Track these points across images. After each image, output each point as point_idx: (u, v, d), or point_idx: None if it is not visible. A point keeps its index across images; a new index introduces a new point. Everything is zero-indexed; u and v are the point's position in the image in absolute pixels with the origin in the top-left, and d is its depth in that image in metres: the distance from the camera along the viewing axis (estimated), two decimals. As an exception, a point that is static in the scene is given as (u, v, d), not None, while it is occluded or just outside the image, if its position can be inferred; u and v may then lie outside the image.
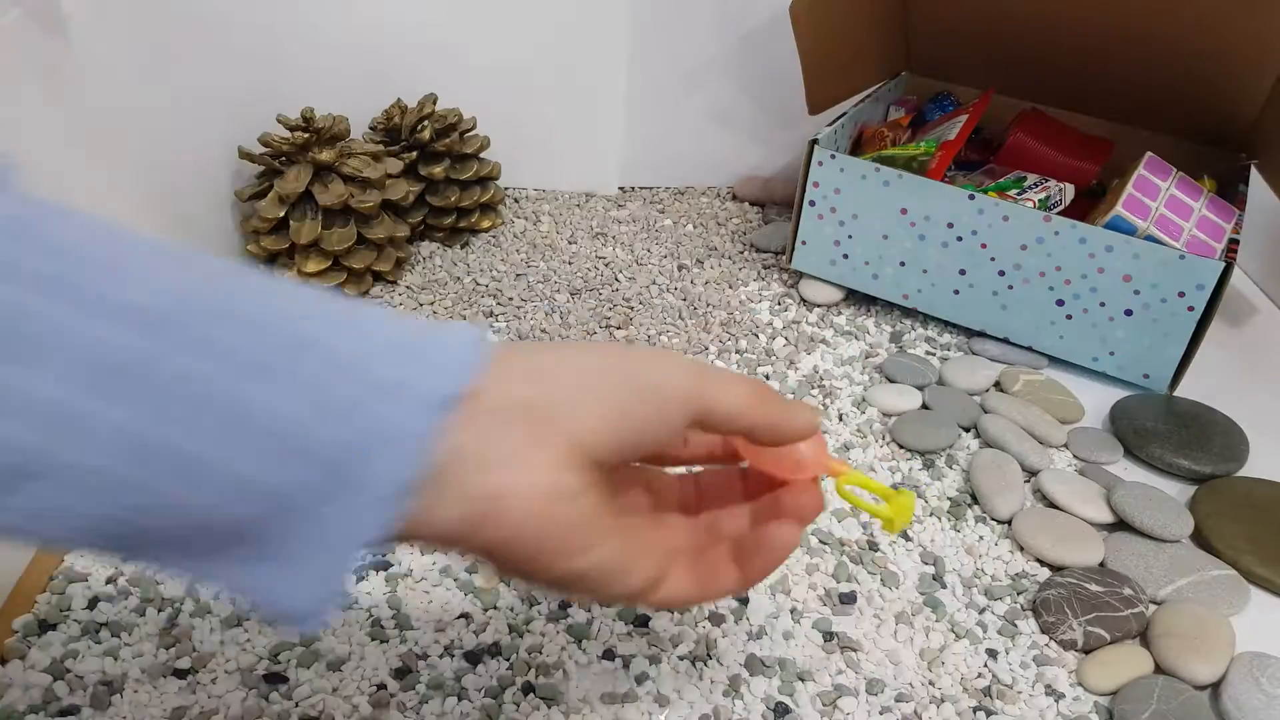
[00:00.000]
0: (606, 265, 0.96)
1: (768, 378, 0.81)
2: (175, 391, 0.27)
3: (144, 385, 0.27)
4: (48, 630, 0.55)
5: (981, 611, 0.61)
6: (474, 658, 0.55)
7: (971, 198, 0.81)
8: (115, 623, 0.56)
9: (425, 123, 0.95)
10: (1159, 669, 0.58)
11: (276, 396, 0.28)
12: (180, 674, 0.53)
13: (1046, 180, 0.88)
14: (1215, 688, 0.57)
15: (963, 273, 0.85)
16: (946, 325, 0.91)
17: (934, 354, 0.87)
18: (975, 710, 0.55)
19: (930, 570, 0.64)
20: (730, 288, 0.95)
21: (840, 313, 0.92)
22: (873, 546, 0.65)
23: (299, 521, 0.29)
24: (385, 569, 0.61)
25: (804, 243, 0.91)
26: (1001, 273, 0.83)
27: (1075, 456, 0.75)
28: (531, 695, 0.54)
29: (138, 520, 0.28)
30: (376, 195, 0.87)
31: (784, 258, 0.95)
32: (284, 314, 0.30)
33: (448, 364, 0.32)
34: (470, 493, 0.31)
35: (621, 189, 1.13)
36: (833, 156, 0.86)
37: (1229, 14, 0.81)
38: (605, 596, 0.36)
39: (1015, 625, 0.60)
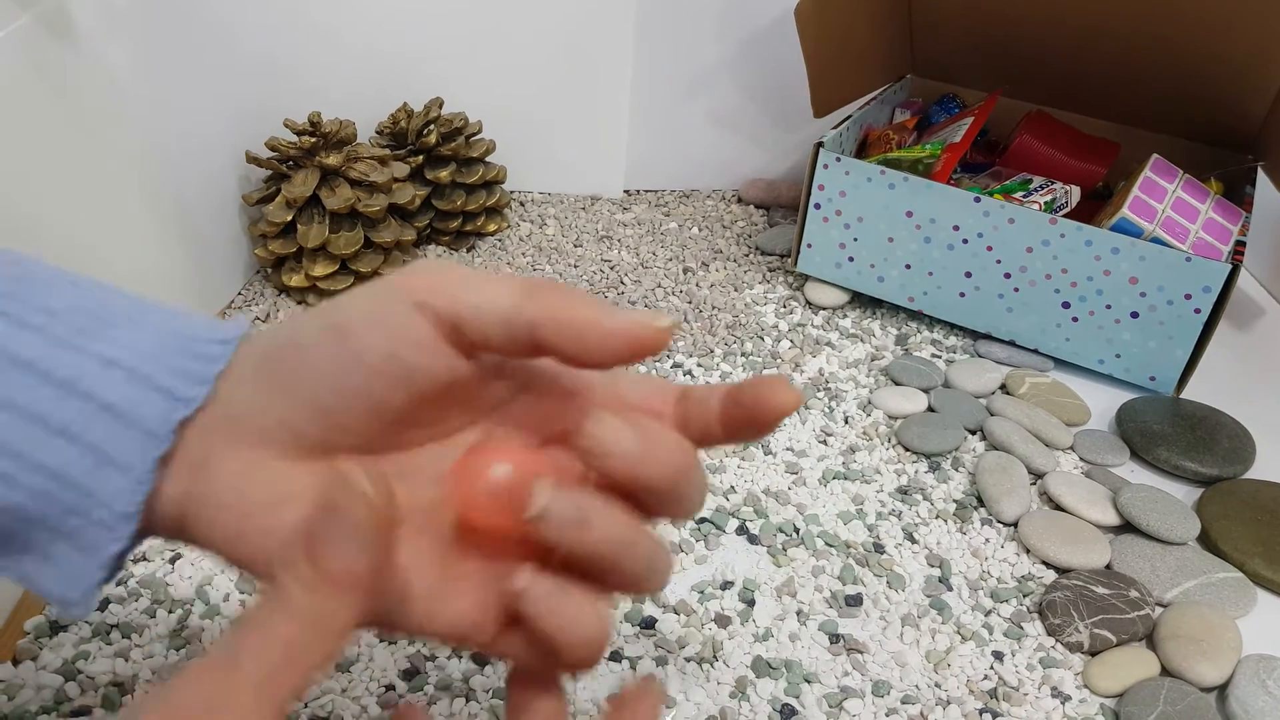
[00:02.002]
0: (612, 268, 0.97)
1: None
2: None
3: None
4: (59, 631, 0.56)
5: (988, 614, 0.61)
6: (482, 659, 0.56)
7: (977, 200, 0.81)
8: (126, 624, 0.56)
9: (431, 127, 0.95)
10: (1165, 671, 0.58)
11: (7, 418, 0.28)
12: (190, 676, 0.54)
13: (1052, 182, 0.88)
14: (1222, 690, 0.57)
15: (968, 275, 0.85)
16: (952, 328, 0.91)
17: (940, 357, 0.87)
18: (981, 712, 0.55)
19: (936, 572, 0.64)
20: (735, 290, 0.95)
21: (846, 315, 0.92)
22: (879, 549, 0.66)
23: (50, 531, 0.29)
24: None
25: (809, 245, 0.91)
26: (1007, 275, 0.83)
27: (1081, 459, 0.75)
28: (539, 697, 0.54)
29: None
30: (383, 199, 0.87)
31: (789, 260, 0.95)
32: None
33: (179, 383, 0.30)
34: (192, 498, 0.30)
35: (627, 192, 1.13)
36: (838, 159, 0.86)
37: (1235, 16, 0.81)
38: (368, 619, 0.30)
39: (1021, 627, 0.61)
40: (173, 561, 0.60)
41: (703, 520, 0.67)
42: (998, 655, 0.59)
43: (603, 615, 0.30)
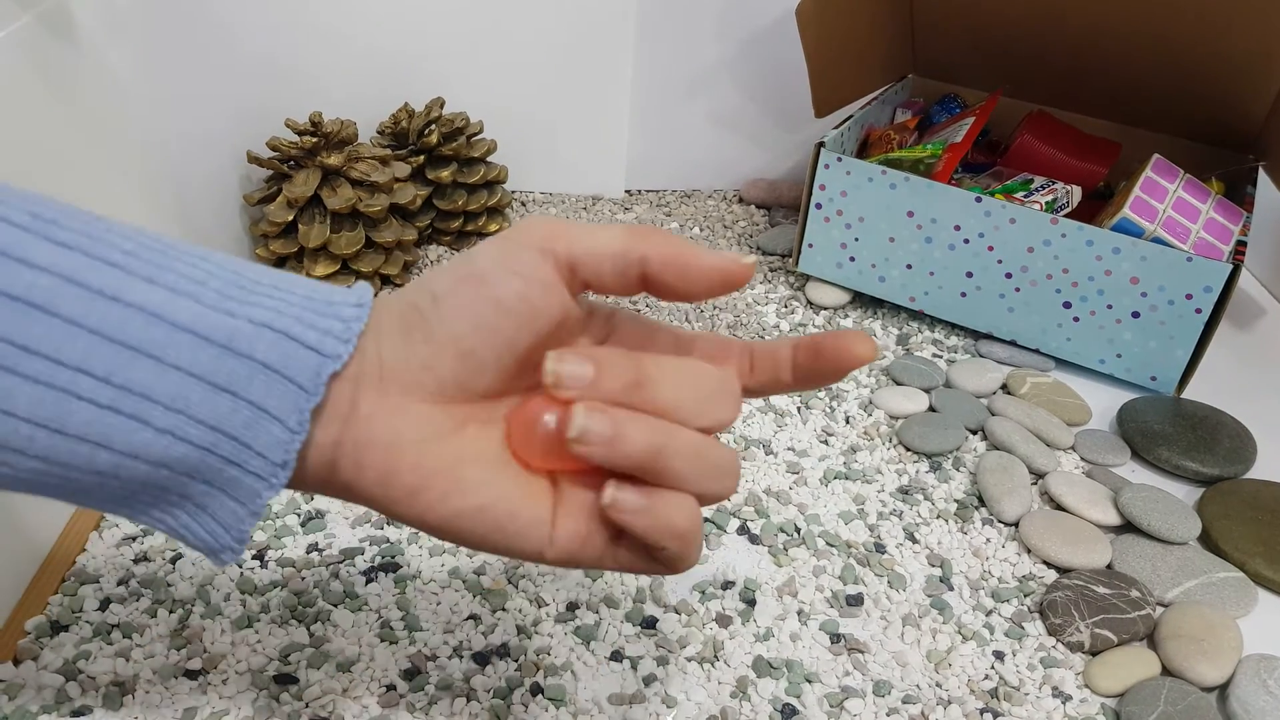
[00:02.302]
0: (614, 268, 0.96)
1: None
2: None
3: (56, 369, 0.29)
4: (60, 631, 0.56)
5: (988, 613, 0.61)
6: (483, 659, 0.56)
7: (978, 200, 0.81)
8: (127, 624, 0.56)
9: (433, 126, 0.95)
10: (1166, 671, 0.58)
11: (162, 375, 0.30)
12: (191, 675, 0.54)
13: (1054, 182, 0.88)
14: (1222, 690, 0.57)
15: (970, 275, 0.85)
16: (953, 328, 0.91)
17: (941, 356, 0.87)
18: (982, 712, 0.55)
19: (937, 572, 0.64)
20: (737, 290, 0.94)
21: (847, 315, 0.92)
22: (880, 549, 0.66)
23: (207, 482, 0.32)
24: (394, 570, 0.61)
25: (810, 245, 0.91)
26: (1009, 275, 0.83)
27: (1083, 459, 0.75)
28: (540, 696, 0.54)
29: (51, 470, 0.30)
30: (384, 199, 0.87)
31: (790, 260, 0.95)
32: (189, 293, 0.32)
33: (326, 340, 0.32)
34: (344, 444, 0.33)
35: (628, 192, 1.13)
36: (839, 159, 0.86)
37: (1236, 15, 0.81)
38: (497, 547, 0.34)
39: (1022, 627, 0.61)
40: (174, 561, 0.60)
41: (704, 520, 0.67)
42: (999, 655, 0.59)
43: (688, 508, 0.33)
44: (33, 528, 0.59)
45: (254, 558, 0.61)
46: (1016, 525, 0.68)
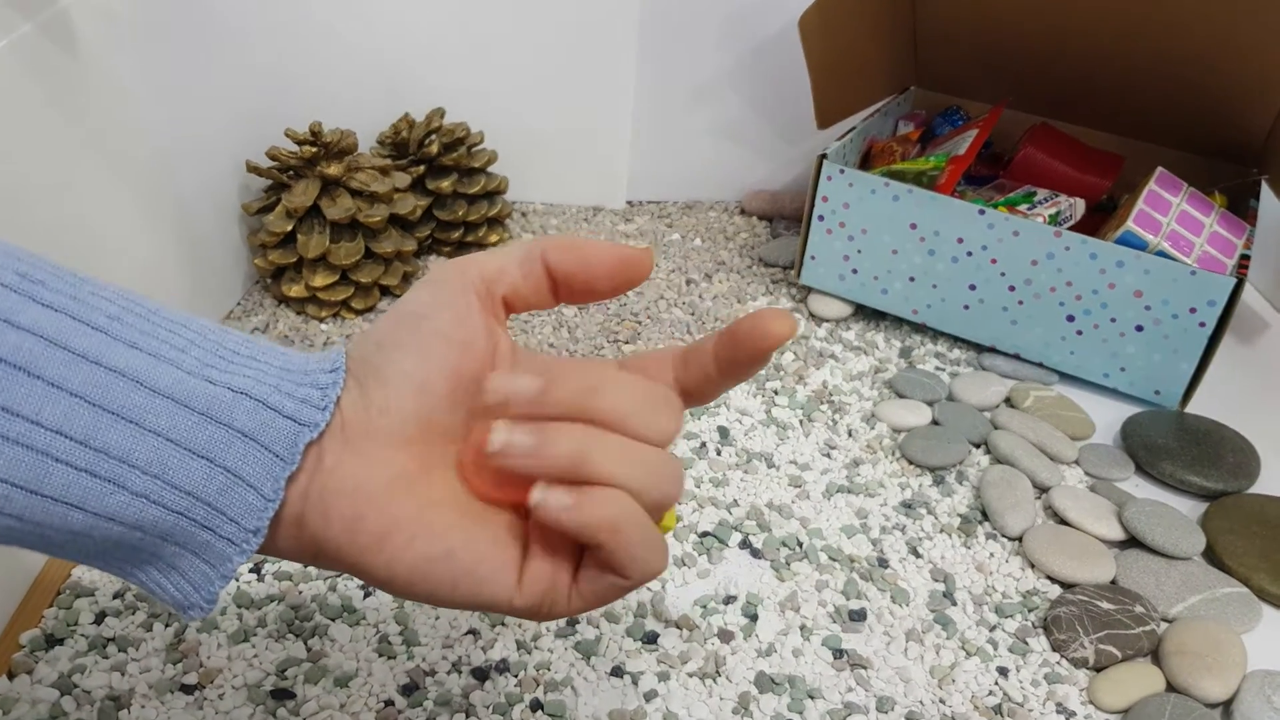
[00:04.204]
0: (615, 279, 0.96)
1: (776, 393, 0.81)
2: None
3: (32, 430, 0.29)
4: (55, 645, 0.55)
5: (992, 629, 0.61)
6: (482, 674, 0.55)
7: (982, 213, 0.81)
8: (123, 637, 0.56)
9: (433, 137, 0.95)
10: (1170, 687, 0.57)
11: (140, 440, 0.31)
12: (188, 689, 0.53)
13: (1057, 195, 0.88)
14: (1227, 706, 0.56)
15: (973, 288, 0.85)
16: (956, 341, 0.91)
17: (944, 369, 0.87)
18: (986, 729, 0.54)
19: (941, 587, 0.64)
20: (739, 302, 0.94)
21: (849, 328, 0.92)
22: (882, 563, 0.65)
23: (179, 545, 0.32)
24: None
25: (813, 257, 0.91)
26: (1012, 288, 0.83)
27: (1086, 473, 0.75)
28: (540, 712, 0.53)
29: (25, 528, 0.30)
30: (384, 209, 0.87)
31: (793, 272, 0.95)
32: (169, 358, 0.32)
33: (302, 409, 0.33)
34: (310, 496, 0.33)
35: (629, 203, 1.13)
36: (842, 171, 0.86)
37: (1239, 29, 0.81)
38: (466, 595, 0.34)
39: (1026, 643, 0.60)
40: (171, 574, 0.60)
41: (705, 534, 0.66)
42: (1002, 671, 0.58)
43: (620, 499, 0.32)
44: (29, 540, 0.59)
45: (251, 571, 0.61)
46: (1020, 540, 0.68)
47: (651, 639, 0.58)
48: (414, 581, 0.33)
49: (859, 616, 0.61)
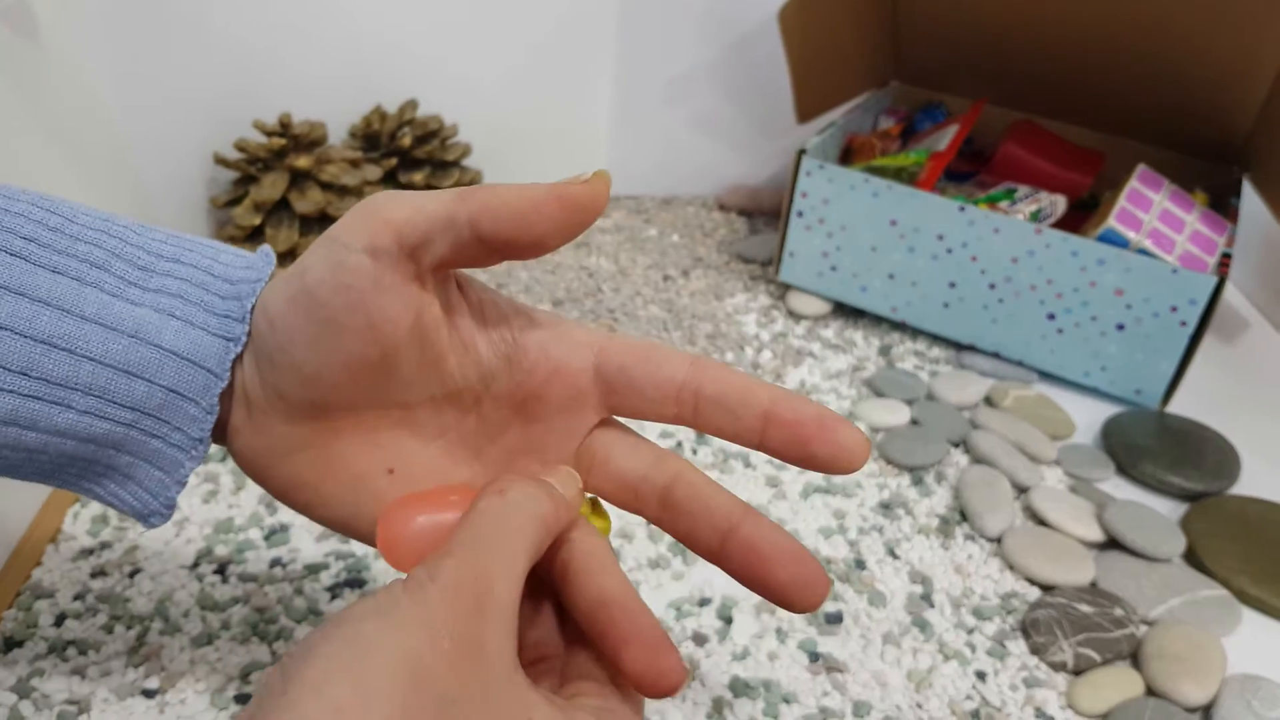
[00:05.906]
0: (590, 275, 0.95)
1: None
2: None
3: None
4: (13, 648, 0.54)
5: (970, 632, 0.60)
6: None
7: (962, 209, 0.80)
8: (83, 640, 0.54)
9: (405, 129, 0.94)
10: (1150, 691, 0.56)
11: (78, 365, 0.32)
12: (149, 694, 0.52)
13: (1038, 192, 0.87)
14: (1207, 710, 0.56)
15: (953, 285, 0.84)
16: (936, 339, 0.90)
17: (923, 368, 0.86)
18: (964, 735, 0.54)
19: (918, 589, 0.63)
20: (716, 299, 0.93)
21: (828, 325, 0.91)
22: (860, 565, 0.64)
23: (132, 454, 0.34)
24: (360, 586, 0.59)
25: (791, 254, 0.90)
26: (992, 286, 0.82)
27: (1066, 473, 0.74)
28: (509, 718, 0.52)
29: None
30: (354, 203, 0.85)
31: (771, 269, 0.94)
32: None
33: (228, 322, 0.35)
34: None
35: (608, 198, 1.12)
36: (821, 167, 0.85)
37: (1222, 26, 0.81)
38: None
39: (1004, 646, 0.59)
40: (132, 575, 0.58)
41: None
42: (980, 675, 0.57)
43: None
44: (-15, 540, 0.57)
45: (215, 572, 0.59)
46: (999, 541, 0.67)
47: (625, 642, 0.57)
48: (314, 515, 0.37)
49: (835, 619, 0.60)
